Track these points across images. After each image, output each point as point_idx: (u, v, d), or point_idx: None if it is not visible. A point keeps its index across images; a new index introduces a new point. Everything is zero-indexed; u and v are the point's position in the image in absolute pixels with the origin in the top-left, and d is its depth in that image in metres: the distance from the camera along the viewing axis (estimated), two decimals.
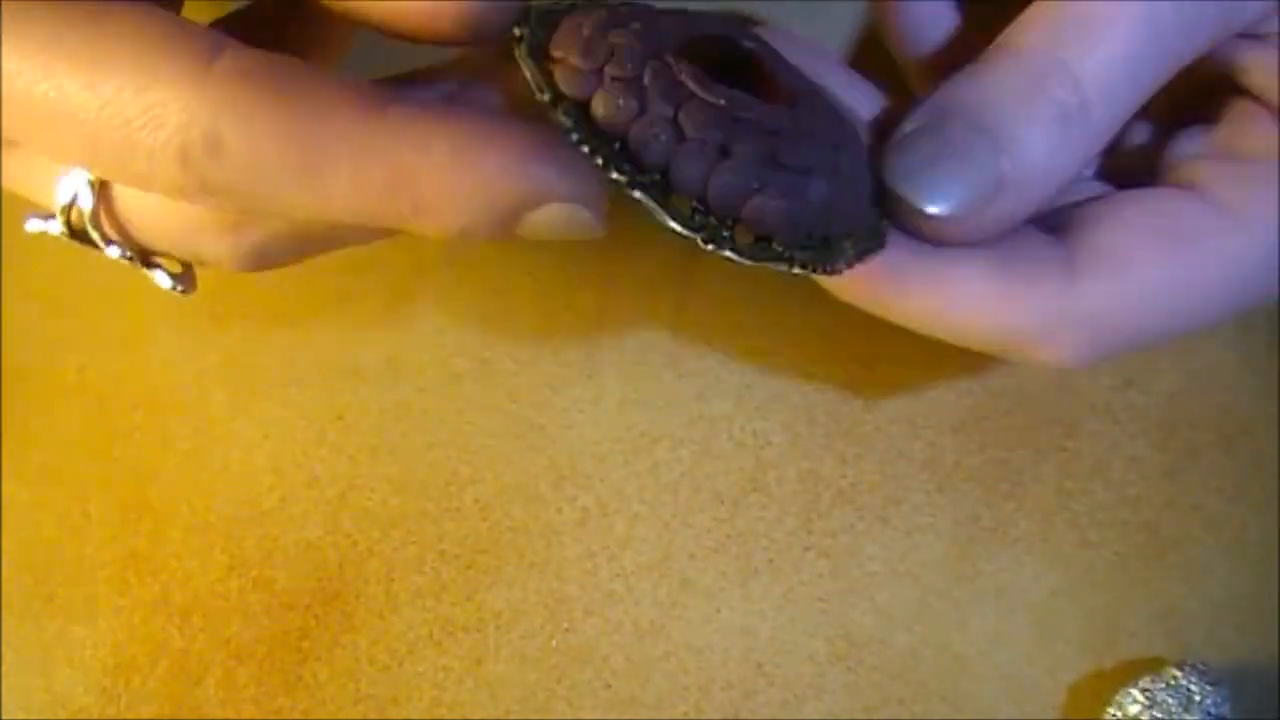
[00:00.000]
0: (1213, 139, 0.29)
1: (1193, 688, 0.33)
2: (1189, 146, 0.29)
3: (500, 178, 0.22)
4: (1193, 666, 0.33)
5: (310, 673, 0.34)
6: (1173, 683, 0.33)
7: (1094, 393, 0.36)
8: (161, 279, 0.27)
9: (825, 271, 0.24)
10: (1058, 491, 0.36)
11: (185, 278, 0.27)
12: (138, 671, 0.34)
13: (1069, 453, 0.36)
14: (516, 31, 0.24)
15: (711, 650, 0.34)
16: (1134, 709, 0.33)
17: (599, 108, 0.23)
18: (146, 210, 0.25)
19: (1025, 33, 0.25)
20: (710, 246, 0.23)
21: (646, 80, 0.23)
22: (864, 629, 0.35)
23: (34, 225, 0.26)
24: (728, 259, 0.23)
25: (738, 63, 0.25)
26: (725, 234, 0.23)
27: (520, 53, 0.24)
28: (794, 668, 0.34)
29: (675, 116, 0.23)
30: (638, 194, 0.23)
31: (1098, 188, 0.29)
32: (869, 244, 0.25)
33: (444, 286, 0.37)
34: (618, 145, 0.23)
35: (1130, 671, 0.34)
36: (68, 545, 0.35)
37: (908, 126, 0.25)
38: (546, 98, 0.23)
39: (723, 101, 0.23)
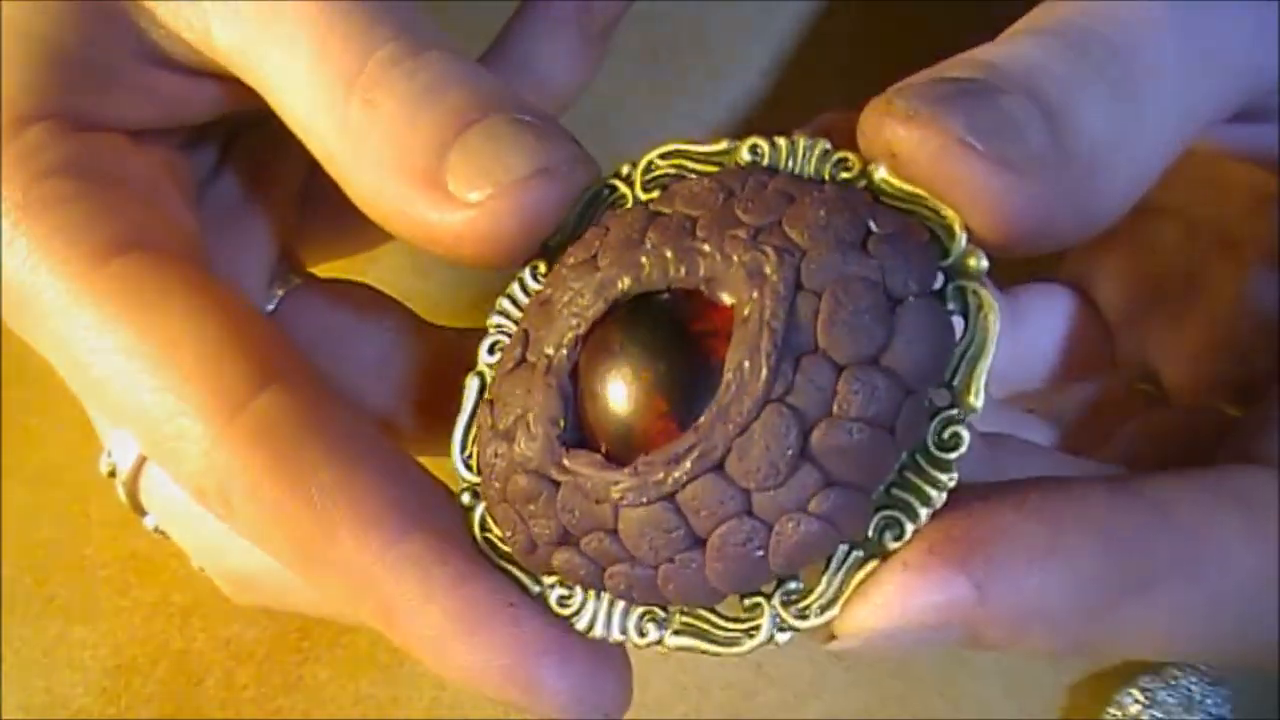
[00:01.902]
0: None
1: (1193, 688, 0.33)
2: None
3: (491, 671, 0.19)
4: (1193, 667, 0.33)
5: (310, 673, 0.34)
6: (1173, 683, 0.33)
7: None
8: (194, 557, 0.27)
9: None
10: None
11: None
12: (138, 672, 0.34)
13: None
14: (462, 501, 0.21)
15: None
16: (1134, 709, 0.33)
17: (564, 572, 0.20)
18: (170, 508, 0.25)
19: (1050, 13, 0.20)
20: (781, 636, 0.19)
21: (563, 519, 0.19)
22: None
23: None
24: (809, 628, 0.19)
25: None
26: (792, 606, 0.19)
27: (478, 541, 0.21)
28: (794, 668, 0.34)
29: (615, 532, 0.19)
30: (674, 644, 0.20)
31: None
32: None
33: (444, 285, 0.37)
34: (620, 602, 0.20)
35: (1130, 671, 0.34)
36: (68, 545, 0.35)
37: (950, 73, 0.19)
38: (535, 592, 0.20)
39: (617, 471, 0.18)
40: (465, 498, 0.21)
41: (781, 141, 0.20)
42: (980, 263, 0.18)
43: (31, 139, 0.22)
